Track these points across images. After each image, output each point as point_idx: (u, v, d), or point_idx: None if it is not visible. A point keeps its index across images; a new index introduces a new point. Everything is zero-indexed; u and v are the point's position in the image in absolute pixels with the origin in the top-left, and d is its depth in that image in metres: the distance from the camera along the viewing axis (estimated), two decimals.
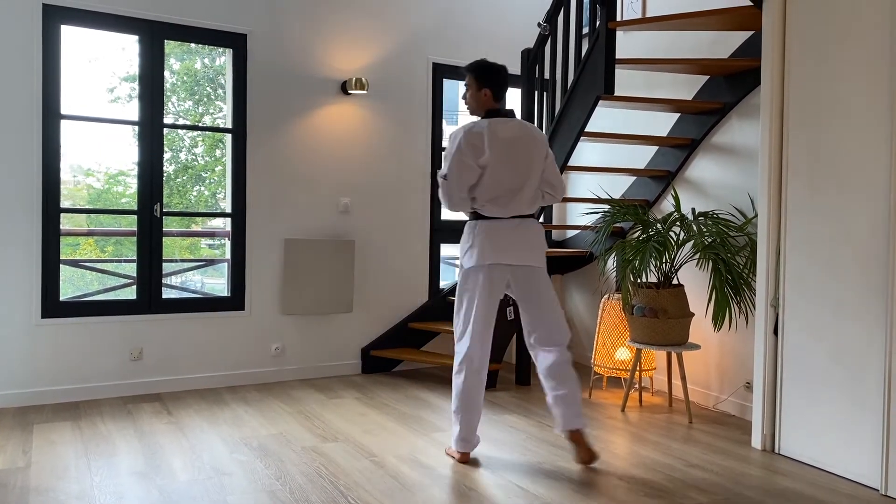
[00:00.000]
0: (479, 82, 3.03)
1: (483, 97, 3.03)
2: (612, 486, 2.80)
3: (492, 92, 3.02)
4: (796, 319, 3.16)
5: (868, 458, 2.84)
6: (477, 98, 3.04)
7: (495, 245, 2.94)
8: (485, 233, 2.95)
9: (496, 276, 2.97)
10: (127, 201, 6.63)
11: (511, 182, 2.95)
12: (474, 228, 2.99)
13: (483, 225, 2.97)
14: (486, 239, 2.95)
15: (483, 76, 3.03)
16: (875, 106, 2.82)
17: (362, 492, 2.69)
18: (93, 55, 5.81)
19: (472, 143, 2.91)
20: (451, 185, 2.94)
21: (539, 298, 3.04)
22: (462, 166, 2.91)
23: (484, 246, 2.94)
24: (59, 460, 2.98)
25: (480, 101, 3.03)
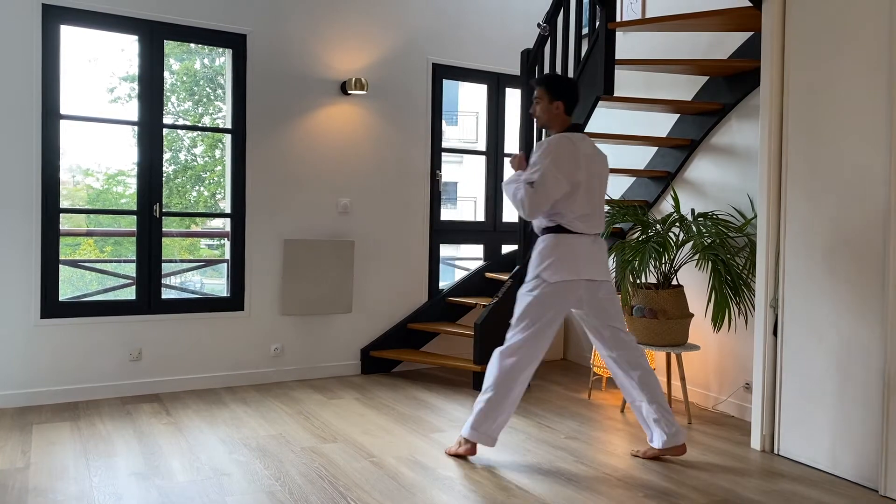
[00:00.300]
0: (550, 95, 3.01)
1: (555, 110, 3.02)
2: (611, 487, 2.80)
3: (564, 105, 3.01)
4: (796, 320, 3.16)
5: (867, 459, 2.84)
6: (548, 111, 3.03)
7: (579, 260, 2.96)
8: (570, 248, 2.96)
9: (572, 291, 2.98)
10: (126, 201, 6.63)
11: (595, 200, 3.01)
12: (558, 243, 2.96)
13: (568, 239, 2.96)
14: (571, 254, 2.96)
15: (555, 88, 3.01)
16: (874, 106, 2.82)
17: (361, 492, 2.69)
18: (92, 55, 5.82)
19: (568, 159, 2.91)
20: (541, 196, 2.89)
21: (614, 310, 3.07)
22: (556, 180, 2.88)
23: (568, 261, 2.95)
24: (58, 461, 2.98)
25: (552, 115, 3.03)
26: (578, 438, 3.44)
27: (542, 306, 2.97)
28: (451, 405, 4.02)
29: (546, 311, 2.97)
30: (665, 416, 3.07)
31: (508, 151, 5.30)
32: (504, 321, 4.43)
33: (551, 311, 2.98)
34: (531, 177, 2.91)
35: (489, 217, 5.31)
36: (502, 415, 3.02)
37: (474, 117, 14.21)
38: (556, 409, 4.00)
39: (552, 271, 2.95)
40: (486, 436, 3.03)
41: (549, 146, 2.93)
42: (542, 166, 2.89)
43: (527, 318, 2.98)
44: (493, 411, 3.01)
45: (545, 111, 3.04)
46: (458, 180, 13.96)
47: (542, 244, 3.01)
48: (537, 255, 3.01)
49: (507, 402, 3.01)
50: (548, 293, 2.96)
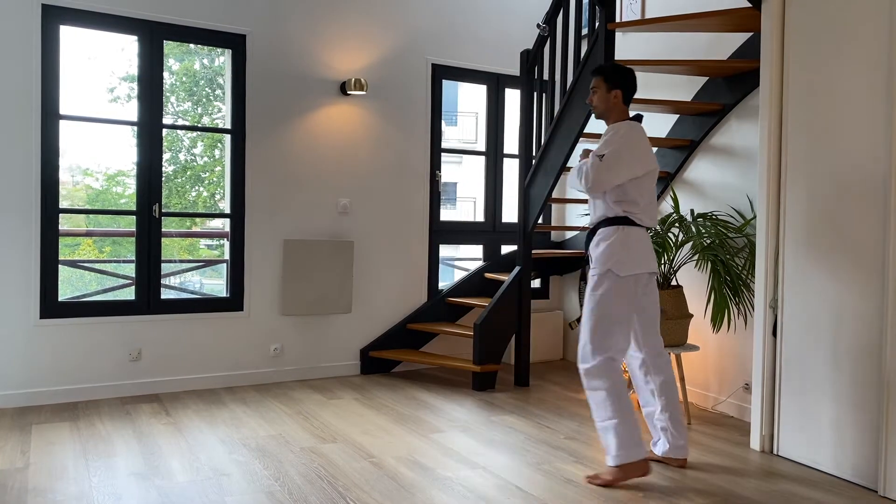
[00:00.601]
0: (608, 84, 2.95)
1: (613, 99, 2.95)
2: (610, 487, 2.80)
3: (622, 94, 2.95)
4: (795, 321, 3.16)
5: (866, 459, 2.84)
6: (606, 100, 2.96)
7: (645, 253, 2.92)
8: (637, 240, 2.89)
9: (638, 284, 2.91)
10: (126, 202, 6.63)
11: (653, 193, 2.98)
12: (628, 235, 2.88)
13: (637, 232, 2.90)
14: (639, 246, 2.89)
15: (613, 77, 2.96)
16: (874, 106, 2.82)
17: (361, 492, 2.69)
18: (92, 55, 5.81)
19: (641, 145, 2.87)
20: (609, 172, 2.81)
21: (656, 307, 3.04)
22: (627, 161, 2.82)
23: (638, 253, 2.88)
24: (58, 461, 2.98)
25: (611, 104, 2.96)
26: (578, 438, 3.45)
27: (620, 301, 2.86)
28: (450, 405, 4.02)
29: (626, 306, 2.88)
30: (675, 427, 3.02)
31: (508, 152, 5.30)
32: (504, 321, 4.45)
33: (630, 306, 2.89)
34: (601, 150, 2.84)
35: (488, 217, 5.31)
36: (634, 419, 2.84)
37: (474, 118, 14.21)
38: (555, 409, 4.00)
39: (621, 264, 2.84)
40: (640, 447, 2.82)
41: (622, 130, 2.88)
42: (616, 145, 2.83)
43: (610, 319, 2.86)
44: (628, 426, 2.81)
45: (603, 100, 2.97)
46: (457, 181, 13.96)
47: (611, 236, 2.88)
48: (607, 248, 2.87)
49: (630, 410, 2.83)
50: (620, 287, 2.85)
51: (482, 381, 4.38)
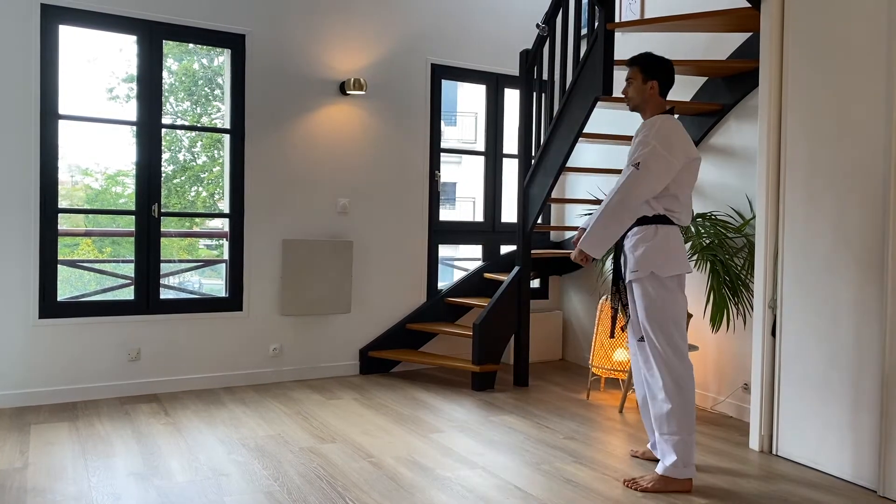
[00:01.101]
0: (644, 74, 2.83)
1: (650, 90, 2.83)
2: (610, 487, 2.80)
3: (659, 85, 2.83)
4: (794, 321, 3.16)
5: (865, 460, 2.84)
6: (642, 91, 2.84)
7: (683, 252, 2.84)
8: (676, 240, 2.80)
9: (681, 283, 2.83)
10: (125, 201, 6.63)
11: (692, 186, 2.88)
12: (668, 236, 2.77)
13: (674, 232, 2.80)
14: (678, 246, 2.80)
15: (650, 67, 2.84)
16: (873, 108, 2.83)
17: (360, 493, 2.69)
18: (91, 55, 5.81)
19: (679, 137, 2.74)
20: (646, 178, 2.68)
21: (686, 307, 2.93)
22: (666, 160, 2.69)
23: (677, 253, 2.79)
24: (57, 461, 2.98)
25: (647, 95, 2.84)
26: (577, 439, 3.45)
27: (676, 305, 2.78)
28: (449, 405, 4.02)
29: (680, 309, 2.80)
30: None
31: (507, 152, 5.30)
32: (503, 321, 4.45)
33: (678, 305, 2.80)
34: (637, 158, 2.70)
35: (488, 217, 5.31)
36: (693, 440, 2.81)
37: (473, 118, 14.21)
38: (554, 409, 4.00)
39: (668, 265, 2.75)
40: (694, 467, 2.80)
41: (657, 124, 2.74)
42: (650, 147, 2.69)
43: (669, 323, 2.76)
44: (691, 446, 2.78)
45: (639, 91, 2.85)
46: (456, 181, 13.96)
47: (651, 237, 2.76)
48: (648, 249, 2.75)
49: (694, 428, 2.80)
50: (673, 287, 2.78)
51: (481, 381, 4.38)
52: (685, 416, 2.75)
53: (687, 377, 2.77)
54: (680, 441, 2.74)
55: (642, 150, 2.71)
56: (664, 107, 2.86)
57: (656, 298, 2.76)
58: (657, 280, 2.76)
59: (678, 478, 2.75)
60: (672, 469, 2.75)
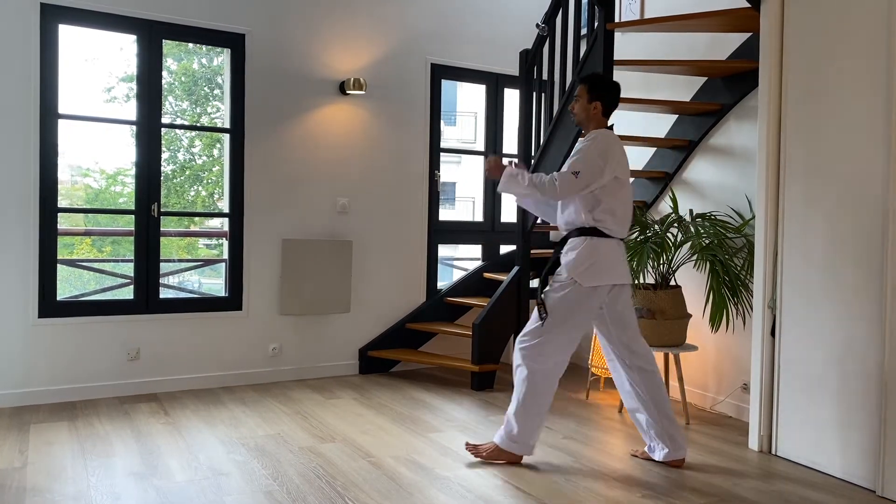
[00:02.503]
0: (590, 94, 3.00)
1: (592, 110, 3.00)
2: (609, 487, 2.80)
3: (602, 106, 2.99)
4: (793, 321, 3.17)
5: (864, 460, 2.84)
6: (586, 110, 3.01)
7: (614, 264, 2.95)
8: (607, 252, 2.93)
9: (601, 296, 2.95)
10: (124, 201, 6.63)
11: (630, 204, 3.02)
12: (597, 246, 2.92)
13: (607, 244, 2.93)
14: (608, 259, 2.93)
15: (596, 88, 2.99)
16: (872, 108, 2.83)
17: (359, 492, 2.69)
18: (91, 55, 5.80)
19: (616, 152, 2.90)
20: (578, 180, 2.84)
21: (632, 315, 3.06)
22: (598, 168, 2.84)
23: (605, 265, 2.92)
24: (56, 460, 2.98)
25: (589, 114, 3.01)
26: (576, 439, 3.45)
27: (571, 308, 2.93)
28: (449, 405, 4.02)
29: (575, 313, 2.94)
30: (673, 431, 3.03)
31: (507, 151, 5.30)
32: (502, 321, 4.45)
33: (580, 315, 2.95)
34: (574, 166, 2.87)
35: (487, 217, 5.31)
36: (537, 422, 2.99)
37: (473, 117, 14.21)
38: (554, 409, 3.99)
39: (587, 275, 2.89)
40: (524, 444, 3.01)
41: (598, 138, 2.91)
42: (588, 153, 2.86)
43: (561, 324, 2.93)
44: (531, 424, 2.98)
45: (583, 109, 3.01)
46: (456, 180, 13.95)
47: (580, 246, 2.93)
48: (576, 256, 2.92)
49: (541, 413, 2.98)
50: (579, 295, 2.91)
51: (481, 380, 4.39)
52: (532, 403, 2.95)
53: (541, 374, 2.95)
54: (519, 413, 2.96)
55: (577, 157, 2.89)
56: (604, 125, 3.02)
57: (562, 297, 2.92)
58: (576, 286, 2.91)
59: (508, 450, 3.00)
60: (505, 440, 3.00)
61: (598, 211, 2.91)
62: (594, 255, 2.91)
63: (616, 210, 2.93)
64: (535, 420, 2.99)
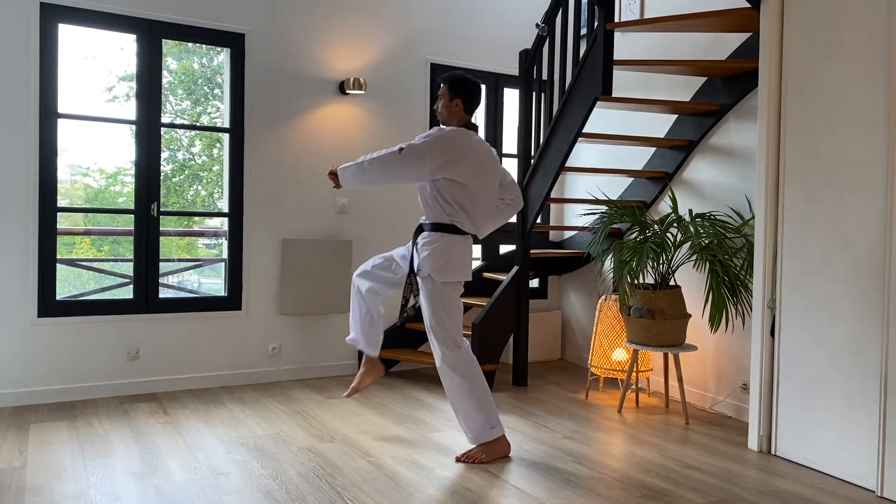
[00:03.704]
0: (451, 93, 3.12)
1: (454, 108, 3.12)
2: (609, 487, 2.81)
3: (463, 103, 3.11)
4: (793, 321, 3.17)
5: (864, 460, 2.84)
6: (448, 108, 3.13)
7: (465, 262, 3.11)
8: (463, 248, 3.09)
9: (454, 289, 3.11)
10: (124, 200, 6.62)
11: (485, 200, 3.13)
12: (453, 242, 3.05)
13: (460, 241, 3.07)
14: (463, 254, 3.09)
15: (456, 87, 3.12)
16: (872, 108, 2.83)
17: (359, 492, 2.69)
18: (90, 54, 5.80)
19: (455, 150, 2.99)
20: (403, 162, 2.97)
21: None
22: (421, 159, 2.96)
23: (461, 261, 3.08)
24: (56, 460, 2.98)
25: (451, 112, 3.13)
26: (576, 438, 3.45)
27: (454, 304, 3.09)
28: (448, 405, 4.02)
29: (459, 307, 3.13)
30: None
31: (507, 151, 5.30)
32: (502, 321, 4.45)
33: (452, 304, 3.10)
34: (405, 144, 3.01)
35: None
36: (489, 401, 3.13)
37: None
38: (553, 409, 4.00)
39: (442, 273, 3.04)
40: (501, 425, 3.16)
41: (444, 131, 3.04)
42: (418, 141, 2.99)
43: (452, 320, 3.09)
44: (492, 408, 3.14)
45: (446, 107, 3.13)
46: None
47: (435, 242, 3.04)
48: (430, 253, 3.03)
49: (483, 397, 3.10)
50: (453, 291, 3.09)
51: None
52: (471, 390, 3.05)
53: (461, 361, 3.06)
54: (474, 410, 3.06)
55: (413, 141, 3.01)
56: (465, 121, 3.13)
57: (435, 294, 3.05)
58: (433, 282, 3.05)
59: (489, 440, 3.07)
60: (480, 435, 3.07)
61: (456, 209, 3.03)
62: (449, 251, 3.04)
63: (470, 209, 3.05)
64: (489, 402, 3.10)
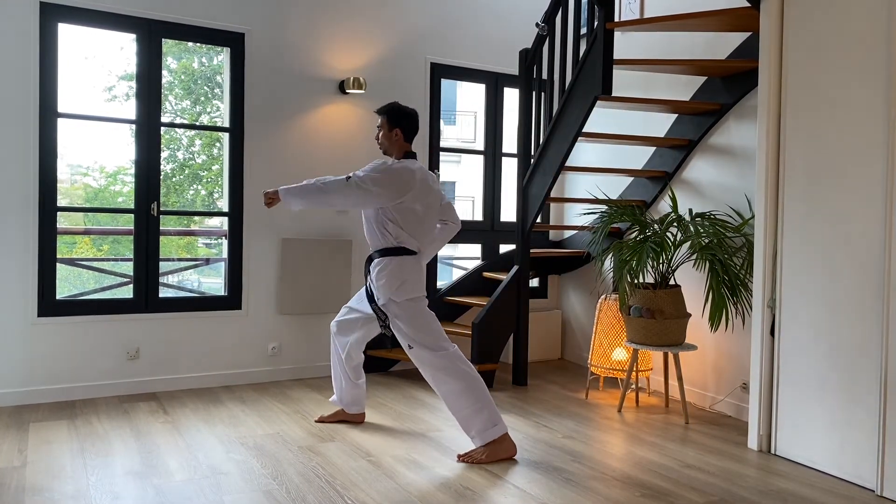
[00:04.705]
0: (390, 123, 3.26)
1: (394, 137, 3.25)
2: (608, 487, 2.81)
3: (402, 132, 3.25)
4: (793, 320, 3.17)
5: (864, 459, 2.84)
6: (389, 138, 3.26)
7: (418, 280, 3.21)
8: (413, 267, 3.19)
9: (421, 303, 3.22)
10: (124, 200, 6.62)
11: (430, 222, 3.27)
12: (403, 263, 3.17)
13: (411, 260, 3.19)
14: (416, 273, 3.20)
15: (394, 118, 3.26)
16: (872, 108, 2.83)
17: (359, 491, 2.69)
18: (90, 53, 5.80)
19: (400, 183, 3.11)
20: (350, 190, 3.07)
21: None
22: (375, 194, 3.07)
23: (415, 279, 3.19)
24: (55, 460, 2.98)
25: (392, 141, 3.26)
26: (576, 438, 3.45)
27: (426, 314, 3.19)
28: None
29: (431, 315, 3.20)
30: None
31: (506, 151, 5.30)
32: (502, 321, 4.45)
33: (421, 315, 3.18)
34: (352, 174, 3.11)
35: (487, 217, 5.31)
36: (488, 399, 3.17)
37: (472, 117, 14.21)
38: (553, 408, 4.00)
39: (401, 291, 3.15)
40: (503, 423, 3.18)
41: (387, 164, 3.15)
42: (369, 173, 3.09)
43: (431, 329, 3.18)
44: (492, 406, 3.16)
45: (386, 138, 3.28)
46: (456, 180, 13.95)
47: (387, 267, 3.16)
48: (385, 279, 3.15)
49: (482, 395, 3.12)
50: (419, 305, 3.18)
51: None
52: (469, 390, 3.08)
53: (449, 365, 3.11)
54: (475, 411, 3.07)
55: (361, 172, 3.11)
56: (406, 149, 3.28)
57: (402, 314, 3.16)
58: (406, 301, 3.16)
59: (493, 438, 3.08)
60: (484, 434, 3.08)
61: (400, 233, 3.16)
62: (401, 272, 3.15)
63: (413, 233, 3.18)
64: (488, 401, 3.12)
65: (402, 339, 3.18)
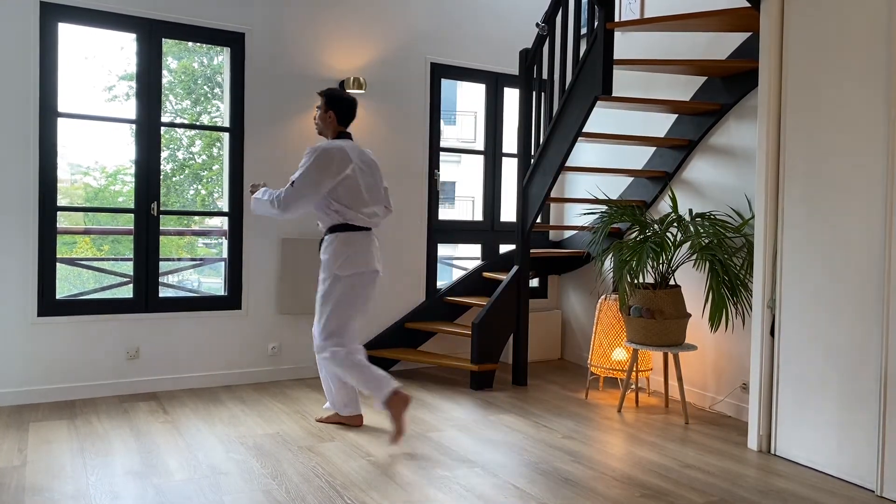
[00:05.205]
0: (326, 105, 3.46)
1: (328, 119, 3.46)
2: (608, 487, 2.81)
3: (336, 115, 3.45)
4: (793, 321, 3.17)
5: (863, 460, 2.84)
6: (324, 119, 3.47)
7: (364, 254, 3.37)
8: (359, 242, 3.36)
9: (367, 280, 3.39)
10: (124, 200, 6.62)
11: (372, 197, 3.42)
12: (348, 239, 3.34)
13: (354, 236, 3.36)
14: (361, 248, 3.36)
15: (330, 101, 3.46)
16: (872, 108, 2.83)
17: (358, 491, 2.69)
18: (90, 53, 5.80)
19: (332, 162, 3.29)
20: (296, 194, 3.27)
21: (369, 302, 3.48)
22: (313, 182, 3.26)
23: (359, 254, 3.35)
24: (55, 459, 2.98)
25: (326, 122, 3.47)
26: (576, 438, 3.45)
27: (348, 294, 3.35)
28: (448, 405, 4.02)
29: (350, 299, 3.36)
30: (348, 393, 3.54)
31: (507, 151, 5.30)
32: (502, 321, 4.45)
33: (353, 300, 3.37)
34: (293, 177, 3.29)
35: (487, 216, 5.31)
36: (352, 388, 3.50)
37: (472, 117, 14.21)
38: (553, 408, 4.00)
39: (344, 267, 3.32)
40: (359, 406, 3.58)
41: (318, 150, 3.31)
42: (305, 168, 3.28)
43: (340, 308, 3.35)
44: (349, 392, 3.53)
45: (322, 118, 3.47)
46: (456, 180, 13.96)
47: (332, 243, 3.35)
48: (330, 254, 3.34)
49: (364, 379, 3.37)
50: (344, 285, 3.33)
51: (480, 380, 4.39)
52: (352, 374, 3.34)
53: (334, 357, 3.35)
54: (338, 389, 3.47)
55: (299, 171, 3.30)
56: (339, 130, 3.48)
57: (331, 291, 3.35)
58: (337, 278, 3.34)
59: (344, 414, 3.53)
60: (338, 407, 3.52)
61: (340, 208, 3.32)
62: (346, 247, 3.33)
63: (352, 205, 3.34)
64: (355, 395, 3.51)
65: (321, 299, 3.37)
